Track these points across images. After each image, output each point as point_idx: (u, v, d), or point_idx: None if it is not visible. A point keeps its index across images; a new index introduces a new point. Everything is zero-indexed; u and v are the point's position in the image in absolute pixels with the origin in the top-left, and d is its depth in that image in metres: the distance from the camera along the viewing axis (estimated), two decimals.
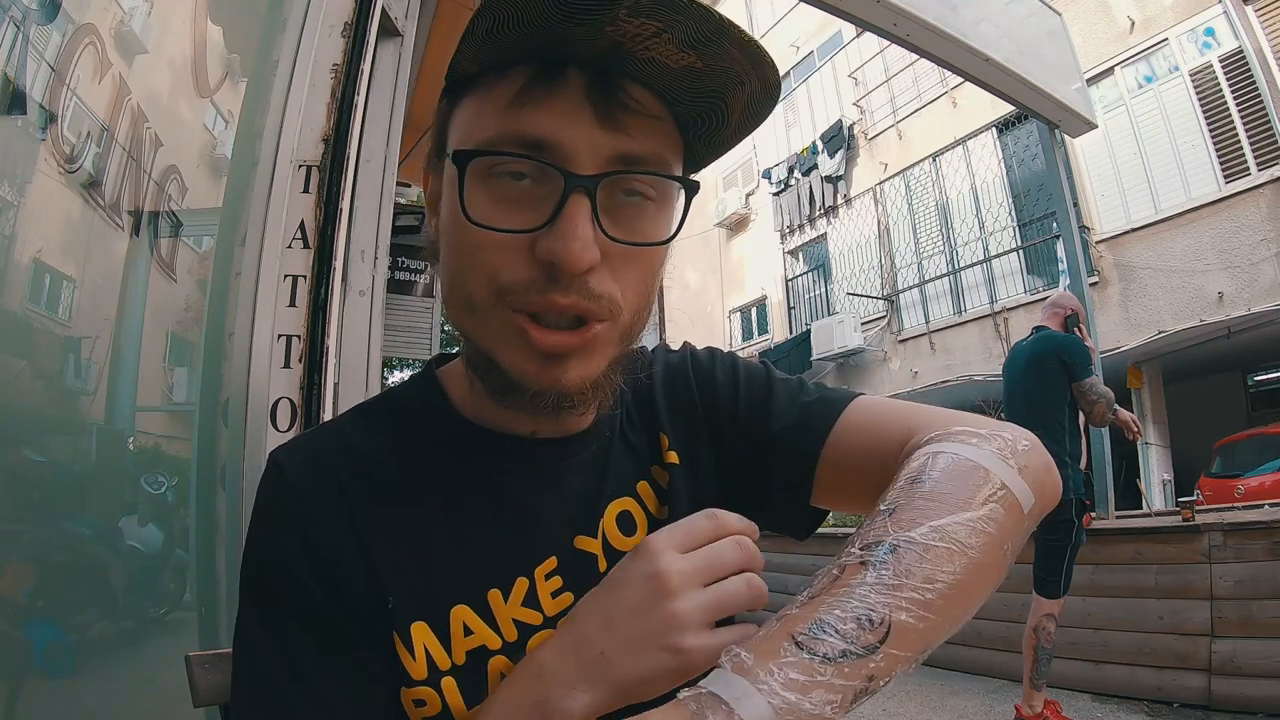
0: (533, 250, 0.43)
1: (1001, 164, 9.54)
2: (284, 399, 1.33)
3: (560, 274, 0.42)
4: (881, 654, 0.35)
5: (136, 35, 1.40)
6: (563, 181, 0.42)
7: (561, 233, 0.41)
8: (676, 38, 0.41)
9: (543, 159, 0.42)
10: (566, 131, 0.42)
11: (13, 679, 1.10)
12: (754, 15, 14.00)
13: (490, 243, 0.43)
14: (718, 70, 0.43)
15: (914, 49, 3.49)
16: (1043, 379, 2.90)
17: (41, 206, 1.18)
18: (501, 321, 0.45)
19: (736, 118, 0.47)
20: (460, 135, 0.46)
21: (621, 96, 0.43)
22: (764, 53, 0.43)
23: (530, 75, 0.42)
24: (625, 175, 0.44)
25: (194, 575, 1.48)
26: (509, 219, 0.43)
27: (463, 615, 0.49)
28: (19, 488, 1.16)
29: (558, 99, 0.42)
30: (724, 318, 14.42)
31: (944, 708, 3.39)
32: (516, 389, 0.46)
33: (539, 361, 0.45)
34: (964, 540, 0.40)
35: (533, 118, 0.42)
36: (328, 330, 1.37)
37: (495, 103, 0.43)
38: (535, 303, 0.43)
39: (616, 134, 0.43)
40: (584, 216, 0.42)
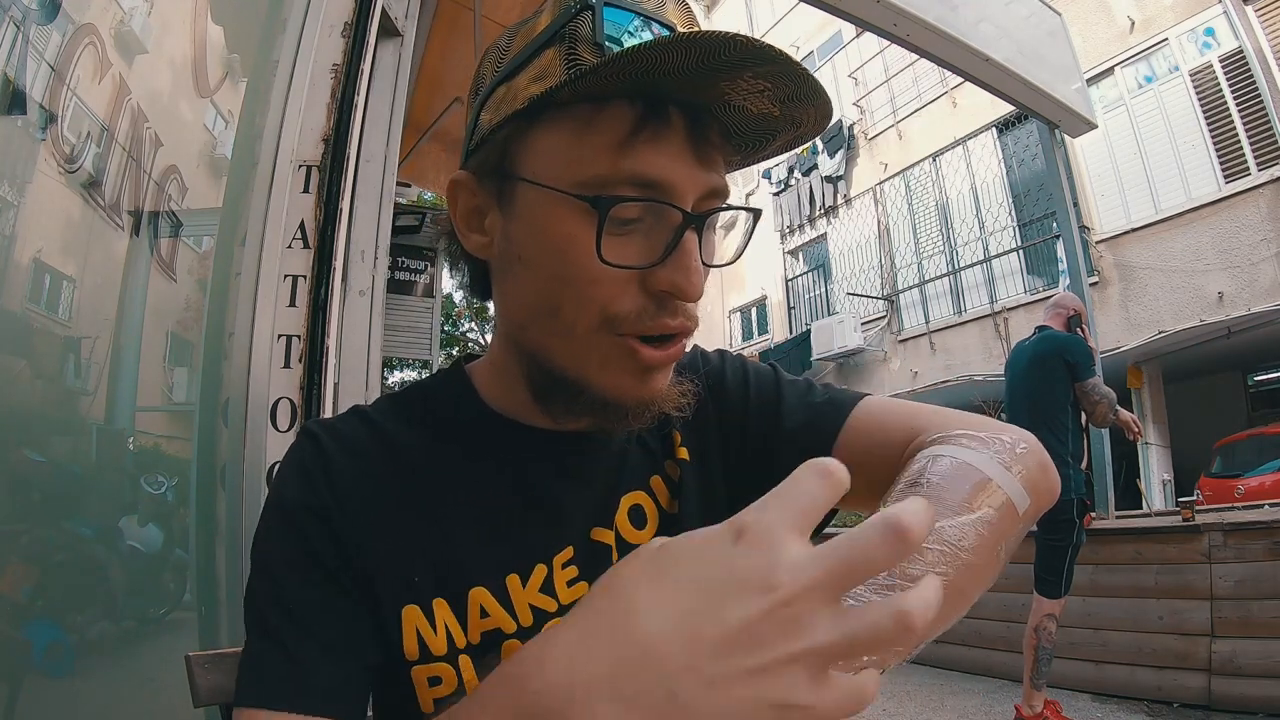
0: (644, 282, 0.46)
1: (1001, 164, 9.54)
2: (284, 399, 1.33)
3: (674, 301, 0.46)
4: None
5: (136, 35, 1.40)
6: (680, 218, 0.45)
7: (683, 266, 0.45)
8: (775, 96, 0.45)
9: (660, 199, 0.45)
10: (676, 173, 0.45)
11: (13, 679, 1.10)
12: (754, 15, 14.00)
13: (606, 277, 0.45)
14: (787, 119, 0.47)
15: (914, 49, 3.49)
16: (1045, 379, 2.90)
17: (41, 206, 1.18)
18: (605, 346, 0.47)
19: (773, 150, 0.52)
20: (553, 165, 0.46)
21: (711, 136, 0.46)
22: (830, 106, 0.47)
23: (637, 115, 0.44)
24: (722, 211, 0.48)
25: (194, 575, 1.48)
26: (629, 255, 0.45)
27: (480, 597, 0.50)
28: (19, 488, 1.16)
29: (666, 141, 0.44)
30: (724, 318, 14.42)
31: (944, 708, 3.39)
32: (608, 406, 0.49)
33: (638, 377, 0.48)
34: (958, 542, 0.42)
35: (648, 159, 0.44)
36: (328, 330, 1.37)
37: (600, 139, 0.44)
38: (648, 327, 0.46)
39: (709, 172, 0.46)
40: (697, 250, 0.46)
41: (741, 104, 0.45)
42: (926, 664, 4.14)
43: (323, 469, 0.50)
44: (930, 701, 3.49)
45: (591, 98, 0.44)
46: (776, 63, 0.42)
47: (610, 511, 0.56)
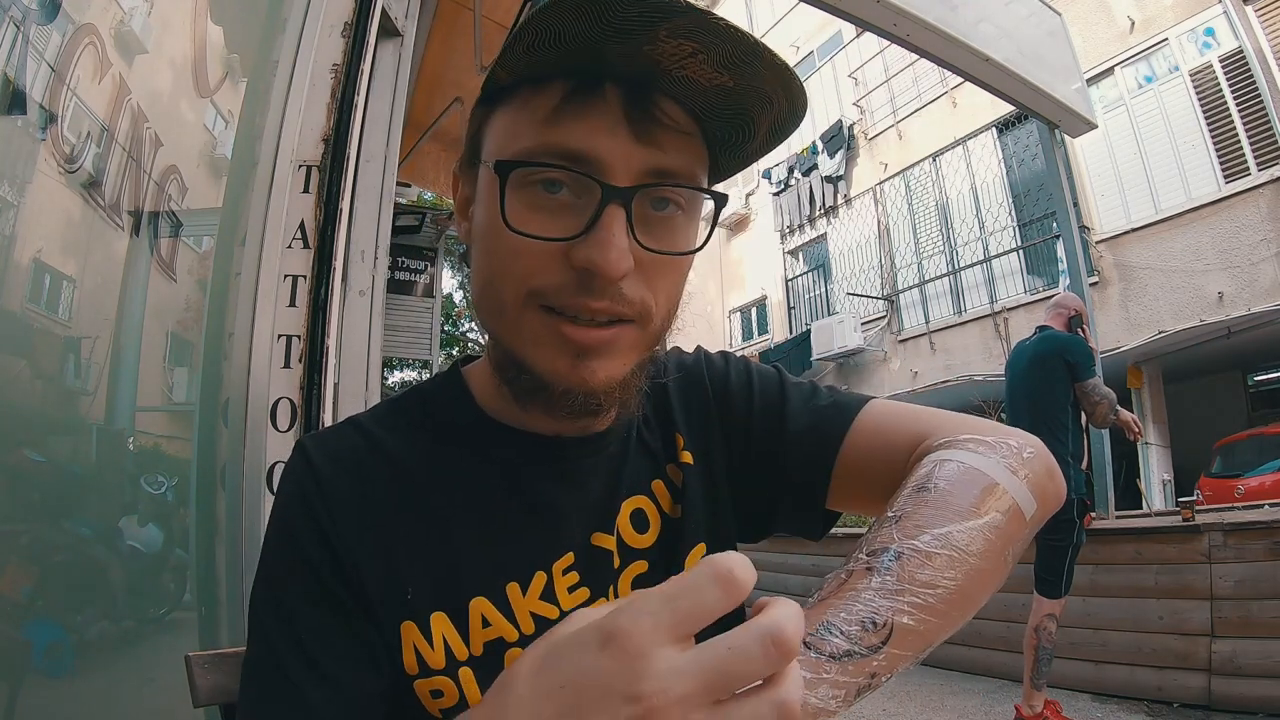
0: (567, 257, 0.44)
1: (1001, 164, 9.54)
2: (284, 399, 1.33)
3: (596, 280, 0.44)
4: (884, 654, 0.38)
5: (136, 35, 1.40)
6: (600, 192, 0.43)
7: (599, 241, 0.43)
8: (712, 58, 0.42)
9: (581, 170, 0.44)
10: (604, 145, 0.44)
11: (13, 679, 1.10)
12: (754, 15, 14.00)
13: (526, 249, 0.45)
14: (748, 90, 0.45)
15: (914, 49, 3.49)
16: (1046, 378, 2.90)
17: (41, 206, 1.18)
18: (533, 323, 0.46)
19: (762, 135, 0.49)
20: (497, 145, 0.47)
21: (656, 112, 0.44)
22: (794, 75, 0.44)
23: (568, 89, 0.44)
24: (658, 187, 0.45)
25: (194, 575, 1.48)
26: (546, 227, 0.44)
27: (481, 607, 0.50)
28: (19, 488, 1.16)
29: (595, 113, 0.44)
30: (724, 317, 14.42)
31: (944, 708, 3.39)
32: (544, 389, 0.47)
33: (570, 359, 0.46)
34: (966, 547, 0.42)
35: (571, 131, 0.43)
36: (328, 330, 1.37)
37: (533, 115, 0.45)
38: (569, 305, 0.45)
39: (650, 148, 0.44)
40: (620, 226, 0.44)
41: (682, 73, 0.43)
42: (926, 664, 4.14)
43: (316, 488, 0.50)
44: (930, 701, 3.49)
45: (532, 79, 0.45)
46: (686, 15, 0.39)
47: (611, 516, 0.55)
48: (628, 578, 0.56)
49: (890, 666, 0.38)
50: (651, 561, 0.56)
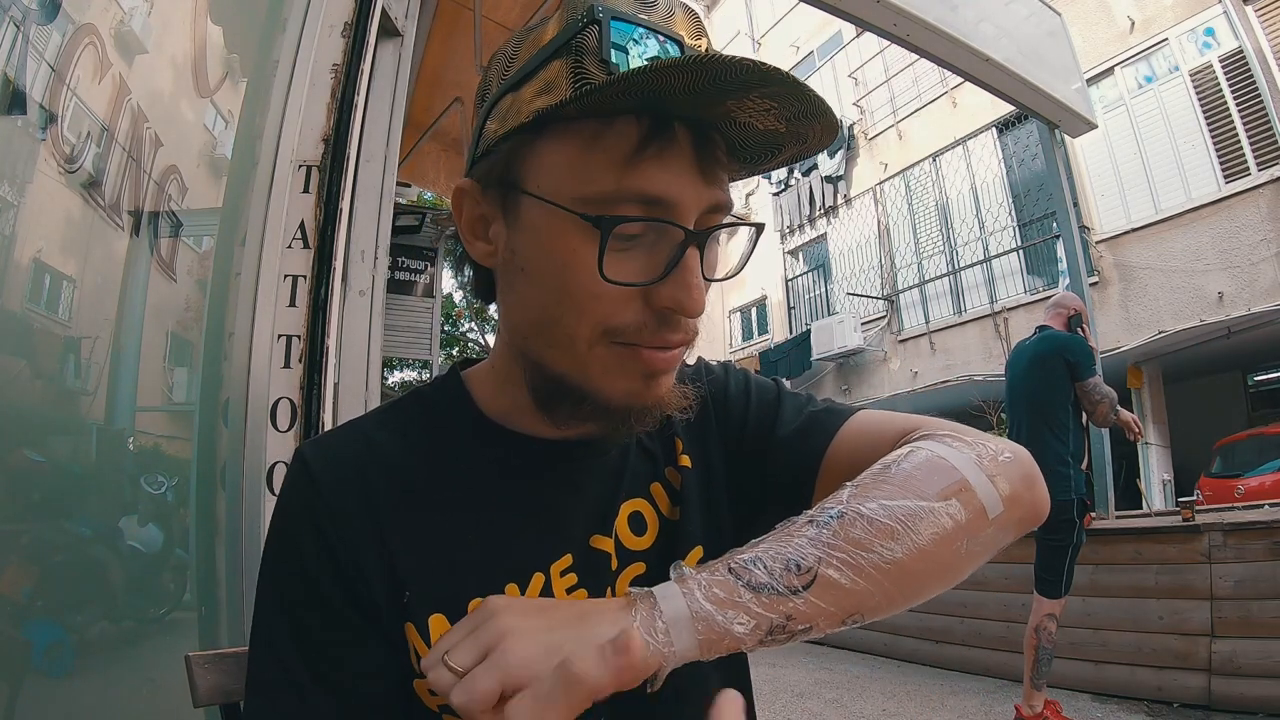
0: (647, 298, 0.46)
1: (1001, 164, 9.54)
2: (284, 399, 1.33)
3: (676, 318, 0.47)
4: (803, 598, 0.40)
5: (136, 35, 1.40)
6: (682, 236, 0.45)
7: (684, 284, 0.45)
8: (781, 113, 0.45)
9: (663, 218, 0.45)
10: (679, 190, 0.45)
11: (13, 679, 1.10)
12: (754, 15, 14.00)
13: (607, 293, 0.45)
14: (793, 135, 0.48)
15: (914, 49, 3.49)
16: (1046, 378, 2.90)
17: (41, 206, 1.18)
18: (605, 356, 0.47)
19: (781, 161, 0.52)
20: (556, 180, 0.46)
21: (717, 153, 0.46)
22: (838, 129, 0.47)
23: (644, 131, 0.44)
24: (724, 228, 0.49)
25: (194, 575, 1.48)
26: (628, 272, 0.45)
27: None
28: (19, 488, 1.16)
29: (672, 158, 0.44)
30: (724, 317, 14.42)
31: (944, 708, 3.39)
32: (616, 412, 0.49)
33: (642, 382, 0.48)
34: (912, 525, 0.43)
35: (652, 177, 0.44)
36: (328, 330, 1.37)
37: (606, 156, 0.44)
38: (649, 339, 0.47)
39: (712, 187, 0.46)
40: (699, 267, 0.46)
41: (747, 120, 0.46)
42: (926, 664, 4.14)
43: (316, 495, 0.51)
44: (930, 701, 3.49)
45: (597, 113, 0.44)
46: (784, 85, 0.42)
47: (609, 519, 0.56)
48: (625, 579, 0.56)
49: (810, 615, 0.40)
50: (649, 563, 0.57)
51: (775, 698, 3.69)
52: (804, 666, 4.44)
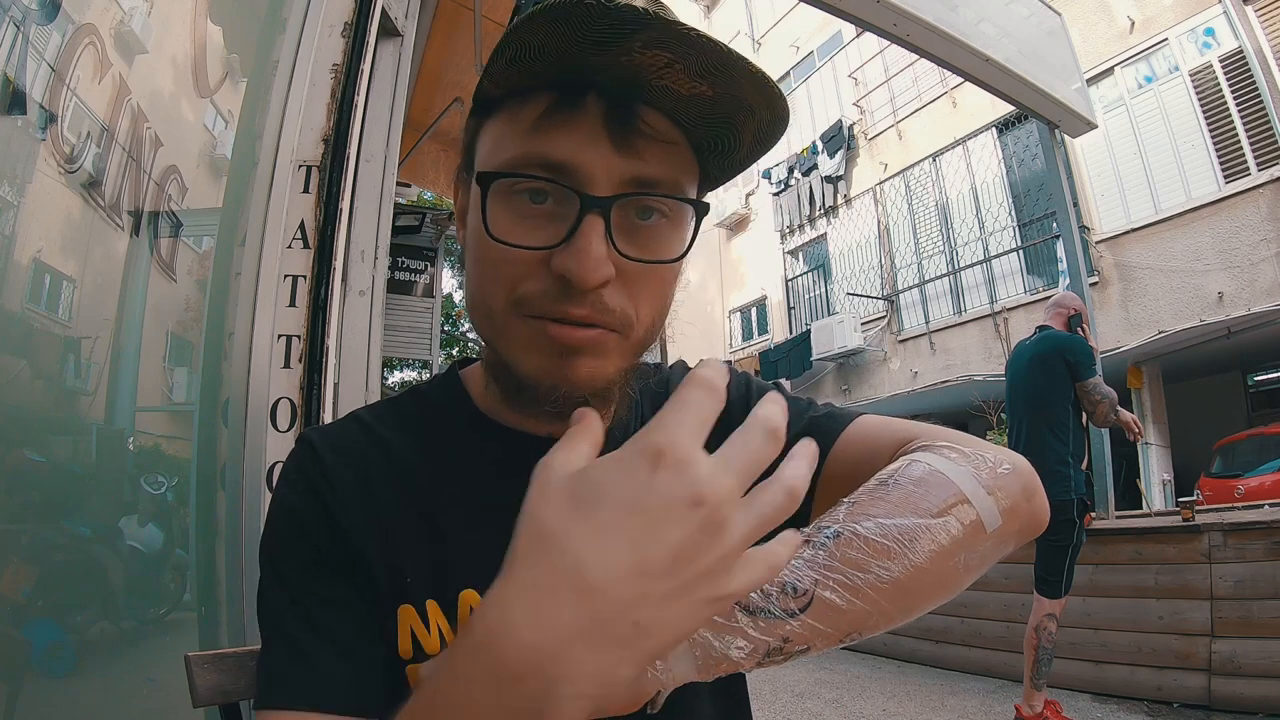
0: (549, 265, 0.46)
1: (1001, 164, 9.54)
2: (284, 399, 1.33)
3: (573, 288, 0.45)
4: (799, 621, 0.39)
5: (136, 35, 1.40)
6: (579, 202, 0.44)
7: (576, 250, 0.44)
8: (688, 68, 0.43)
9: (561, 181, 0.45)
10: (585, 155, 0.44)
11: (13, 679, 1.10)
12: (754, 15, 14.00)
13: (510, 258, 0.46)
14: (728, 98, 0.45)
15: (914, 49, 3.48)
16: (1046, 378, 2.90)
17: (41, 206, 1.18)
18: (519, 328, 0.48)
19: (748, 143, 0.50)
20: (485, 155, 0.49)
21: (637, 123, 0.45)
22: (772, 84, 0.45)
23: (551, 101, 0.45)
24: (638, 197, 0.46)
25: (194, 575, 1.48)
26: (529, 236, 0.45)
27: (471, 599, 0.52)
28: (19, 488, 1.16)
29: (577, 124, 0.44)
30: (724, 317, 14.42)
31: (944, 708, 3.39)
32: (530, 388, 0.48)
33: (554, 357, 0.47)
34: (909, 543, 0.42)
35: (553, 141, 0.44)
36: (328, 330, 1.37)
37: (518, 126, 0.46)
38: (551, 310, 0.46)
39: (632, 158, 0.45)
40: (598, 236, 0.44)
41: (661, 83, 0.44)
42: (926, 664, 4.14)
43: (320, 472, 0.52)
44: (930, 701, 3.49)
45: (518, 92, 0.46)
46: (654, 26, 0.40)
47: None
48: None
49: (807, 638, 0.39)
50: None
51: (775, 698, 3.69)
52: (804, 666, 4.44)
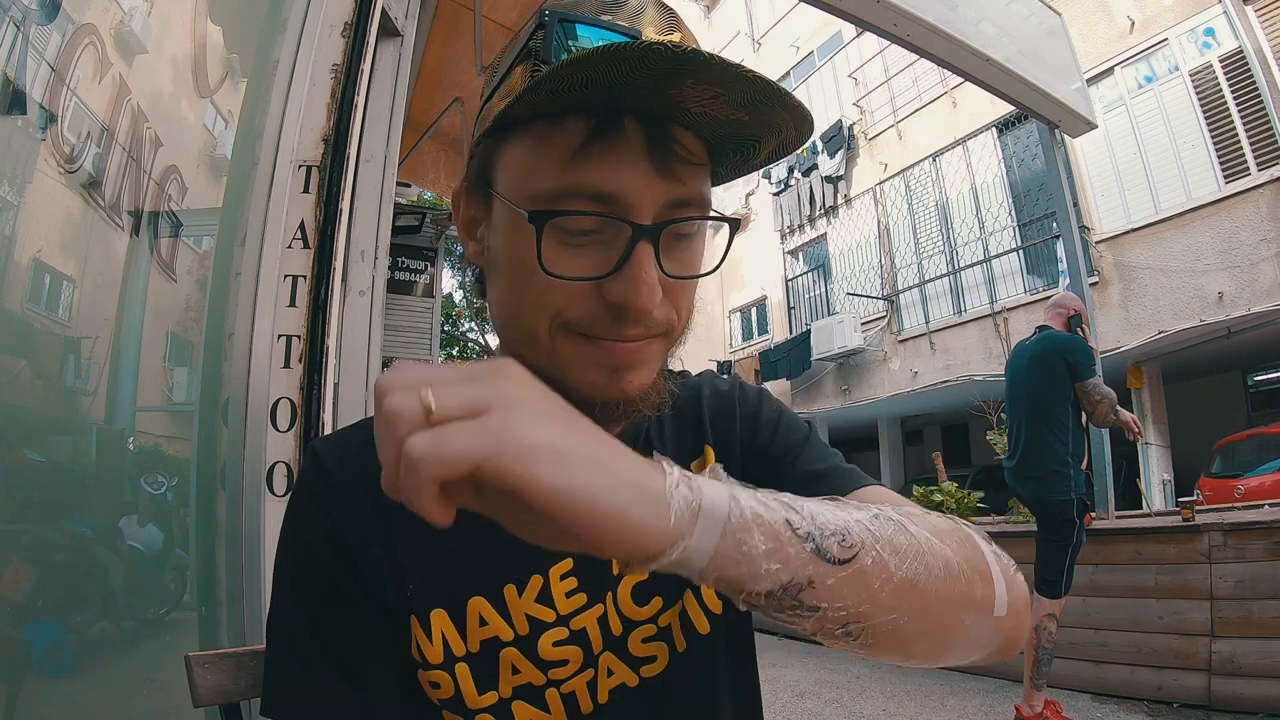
0: (600, 292, 0.46)
1: (1001, 164, 9.53)
2: (284, 399, 1.33)
3: (629, 313, 0.46)
4: (832, 573, 0.35)
5: (136, 35, 1.40)
6: (630, 231, 0.45)
7: (632, 279, 0.45)
8: (733, 101, 0.43)
9: (610, 213, 0.45)
10: (630, 184, 0.44)
11: (13, 679, 1.10)
12: (754, 15, 14.00)
13: (560, 286, 0.46)
14: (761, 124, 0.46)
15: (914, 49, 3.48)
16: (1046, 378, 2.90)
17: (41, 206, 1.18)
18: (567, 347, 0.48)
19: (765, 156, 0.51)
20: (515, 180, 0.48)
21: (674, 147, 0.45)
22: (806, 112, 0.46)
23: (591, 128, 0.44)
24: (683, 222, 0.47)
25: (194, 575, 1.48)
26: (577, 266, 0.45)
27: (479, 607, 0.52)
28: (19, 488, 1.16)
29: (620, 152, 0.44)
30: (724, 317, 14.42)
31: (944, 707, 3.39)
32: (584, 402, 0.47)
33: (607, 374, 0.48)
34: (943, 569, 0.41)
35: (597, 172, 0.44)
36: (328, 330, 1.37)
37: (555, 154, 0.45)
38: (605, 332, 0.47)
39: (671, 181, 0.46)
40: (650, 262, 0.45)
41: (702, 110, 0.44)
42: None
43: (325, 486, 0.53)
44: (930, 701, 3.49)
45: (548, 113, 0.45)
46: (711, 68, 0.40)
47: None
48: (627, 584, 0.56)
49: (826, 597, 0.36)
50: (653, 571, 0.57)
51: (775, 698, 3.69)
52: (804, 666, 4.44)
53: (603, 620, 0.55)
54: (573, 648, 0.53)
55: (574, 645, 0.54)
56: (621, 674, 0.55)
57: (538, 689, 0.53)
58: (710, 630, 0.57)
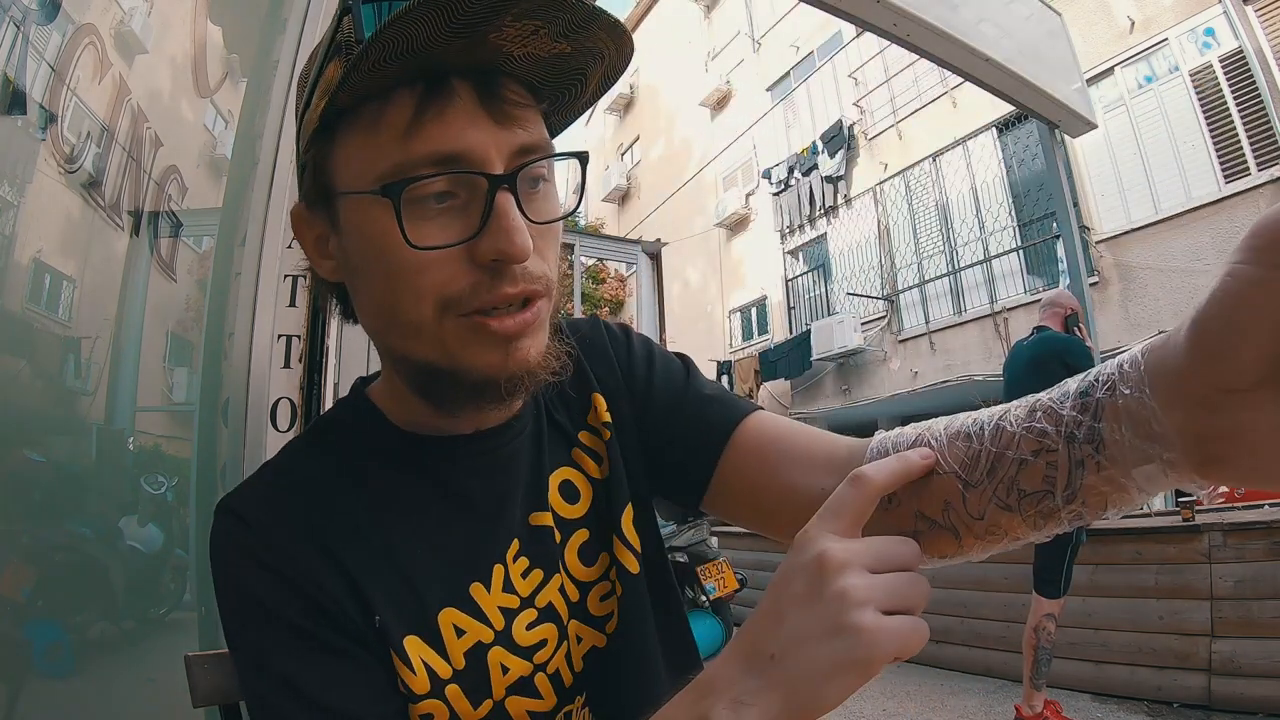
0: (472, 256, 0.45)
1: (1001, 164, 9.53)
2: (284, 399, 1.33)
3: (506, 268, 0.45)
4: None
5: (136, 35, 1.40)
6: (486, 185, 0.44)
7: (501, 229, 0.44)
8: (553, 31, 0.43)
9: (464, 169, 0.44)
10: (472, 139, 0.44)
11: (13, 679, 1.10)
12: (754, 15, 13.99)
13: (430, 263, 0.44)
14: (583, 51, 0.46)
15: (914, 49, 3.48)
16: (1045, 380, 2.85)
17: (41, 206, 1.18)
18: (455, 330, 0.46)
19: (592, 89, 0.50)
20: (355, 170, 0.46)
21: (506, 94, 0.45)
22: (626, 31, 0.46)
23: (419, 96, 0.43)
24: (533, 164, 0.46)
25: (194, 575, 1.48)
26: (444, 235, 0.44)
27: (451, 618, 0.50)
28: (19, 488, 1.16)
29: (454, 113, 0.43)
30: (724, 317, 14.42)
31: (944, 708, 3.39)
32: (486, 386, 0.47)
33: (503, 350, 0.46)
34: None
35: (438, 135, 0.43)
36: (328, 330, 1.37)
37: (389, 132, 0.44)
38: (485, 300, 0.45)
39: (513, 129, 0.45)
40: (513, 209, 0.44)
41: (525, 51, 0.44)
42: (926, 664, 4.14)
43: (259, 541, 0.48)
44: (930, 701, 3.49)
45: (374, 95, 0.44)
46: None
47: (543, 493, 0.57)
48: (572, 548, 0.57)
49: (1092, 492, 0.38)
50: (590, 528, 0.58)
51: None
52: None
53: (563, 590, 0.55)
54: (547, 625, 0.53)
55: (547, 623, 0.53)
56: (590, 637, 0.56)
57: (528, 679, 0.52)
58: (639, 568, 0.58)
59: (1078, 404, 0.38)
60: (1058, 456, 0.38)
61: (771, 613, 0.36)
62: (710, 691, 0.36)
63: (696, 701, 0.37)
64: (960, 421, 0.45)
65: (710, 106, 15.13)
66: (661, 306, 6.50)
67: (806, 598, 0.35)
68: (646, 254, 6.45)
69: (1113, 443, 0.36)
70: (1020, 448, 0.40)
